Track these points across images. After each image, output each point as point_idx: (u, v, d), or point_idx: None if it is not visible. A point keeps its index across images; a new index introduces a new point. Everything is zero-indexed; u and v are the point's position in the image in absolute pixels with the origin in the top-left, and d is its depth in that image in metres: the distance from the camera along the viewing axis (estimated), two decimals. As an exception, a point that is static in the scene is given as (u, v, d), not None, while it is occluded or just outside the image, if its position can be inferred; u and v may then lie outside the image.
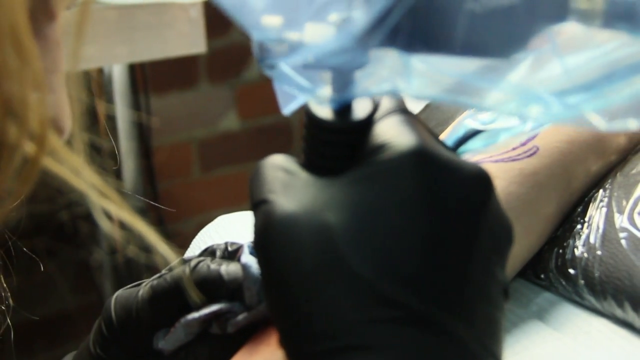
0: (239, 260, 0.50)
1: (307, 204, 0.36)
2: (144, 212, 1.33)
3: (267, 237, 0.36)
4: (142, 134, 1.57)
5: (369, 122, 0.37)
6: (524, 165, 0.54)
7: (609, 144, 0.57)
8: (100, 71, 1.38)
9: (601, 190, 0.55)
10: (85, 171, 0.36)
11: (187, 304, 0.49)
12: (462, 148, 0.48)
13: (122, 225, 0.38)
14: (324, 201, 0.36)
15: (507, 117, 0.45)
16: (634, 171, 0.55)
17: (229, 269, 0.49)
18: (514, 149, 0.54)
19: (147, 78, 1.64)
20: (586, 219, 0.55)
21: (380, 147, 0.35)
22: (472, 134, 0.48)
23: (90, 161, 0.36)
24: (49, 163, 0.35)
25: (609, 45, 0.34)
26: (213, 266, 0.49)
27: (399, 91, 0.36)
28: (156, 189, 1.65)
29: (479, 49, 0.34)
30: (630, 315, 0.51)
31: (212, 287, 0.49)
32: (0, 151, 0.33)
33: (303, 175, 0.38)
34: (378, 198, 0.35)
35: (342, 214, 0.35)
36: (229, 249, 0.52)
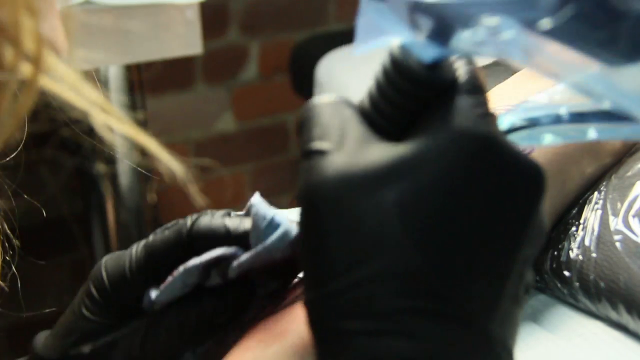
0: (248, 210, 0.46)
1: (364, 166, 0.35)
2: (140, 213, 1.33)
3: (316, 194, 0.35)
4: (138, 135, 1.57)
5: (452, 88, 0.35)
6: None
7: (604, 146, 0.57)
8: (96, 72, 1.38)
9: (596, 193, 0.56)
10: (83, 87, 0.36)
11: (184, 258, 0.46)
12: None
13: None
14: (382, 168, 0.34)
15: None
16: (629, 174, 0.55)
17: (232, 221, 0.46)
18: (509, 151, 0.54)
19: (143, 79, 1.64)
20: (581, 221, 0.55)
21: (453, 126, 0.34)
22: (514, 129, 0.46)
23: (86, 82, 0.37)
24: (47, 83, 0.35)
25: None
26: (216, 217, 0.46)
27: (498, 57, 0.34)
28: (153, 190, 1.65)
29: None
30: (625, 318, 0.51)
31: (216, 238, 0.46)
32: None
33: (362, 129, 0.36)
34: (441, 181, 0.34)
35: (401, 189, 0.34)
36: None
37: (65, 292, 1.57)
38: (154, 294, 0.46)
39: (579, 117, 0.42)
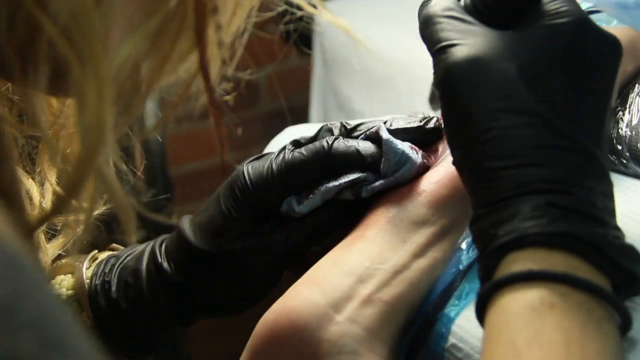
0: (374, 137, 0.56)
1: (486, 50, 0.45)
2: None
3: (452, 77, 0.45)
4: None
5: None
6: None
7: (640, 49, 0.71)
8: None
9: (637, 85, 0.70)
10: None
11: (320, 175, 0.55)
12: None
13: None
14: (501, 50, 0.45)
15: None
16: (662, 69, 0.69)
17: (364, 145, 0.55)
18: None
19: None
20: (627, 105, 0.69)
21: (554, 13, 0.46)
22: None
23: None
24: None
25: None
26: (350, 143, 0.55)
27: None
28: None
29: None
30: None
31: (350, 161, 0.55)
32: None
33: (477, 25, 0.47)
34: (548, 54, 0.45)
35: (518, 62, 0.44)
36: (347, 126, 0.58)
37: None
38: (296, 205, 0.55)
39: None
